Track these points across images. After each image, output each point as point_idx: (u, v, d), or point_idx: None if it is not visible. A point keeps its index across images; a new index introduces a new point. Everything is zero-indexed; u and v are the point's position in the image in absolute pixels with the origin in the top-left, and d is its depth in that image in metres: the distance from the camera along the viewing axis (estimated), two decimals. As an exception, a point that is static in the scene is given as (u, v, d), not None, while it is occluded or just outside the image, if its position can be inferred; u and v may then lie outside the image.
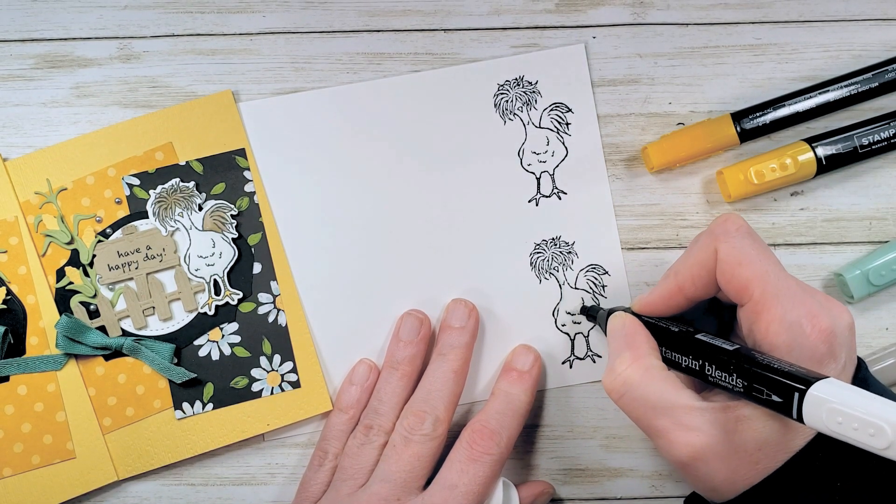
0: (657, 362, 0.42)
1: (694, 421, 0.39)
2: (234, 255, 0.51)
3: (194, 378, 0.50)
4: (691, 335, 0.42)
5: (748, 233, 0.42)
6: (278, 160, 0.51)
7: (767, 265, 0.40)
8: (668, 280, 0.44)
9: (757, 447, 0.39)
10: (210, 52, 0.52)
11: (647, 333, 0.44)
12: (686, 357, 0.41)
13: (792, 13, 0.52)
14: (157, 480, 0.51)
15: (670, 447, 0.40)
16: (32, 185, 0.51)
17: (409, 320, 0.50)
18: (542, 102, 0.52)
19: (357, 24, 0.52)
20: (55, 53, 0.52)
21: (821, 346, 0.39)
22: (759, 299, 0.40)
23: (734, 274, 0.41)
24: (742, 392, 0.38)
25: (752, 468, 0.39)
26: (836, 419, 0.33)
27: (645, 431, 0.41)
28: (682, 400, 0.40)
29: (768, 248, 0.42)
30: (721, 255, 0.41)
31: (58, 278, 0.50)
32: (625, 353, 0.42)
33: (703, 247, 0.42)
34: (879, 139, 0.49)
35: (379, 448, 0.47)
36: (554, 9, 0.52)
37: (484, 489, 0.45)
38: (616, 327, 0.45)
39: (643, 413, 0.41)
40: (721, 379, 0.39)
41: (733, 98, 0.52)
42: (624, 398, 0.41)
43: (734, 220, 0.42)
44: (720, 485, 0.39)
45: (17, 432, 0.50)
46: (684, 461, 0.39)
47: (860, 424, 0.33)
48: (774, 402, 0.36)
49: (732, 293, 0.41)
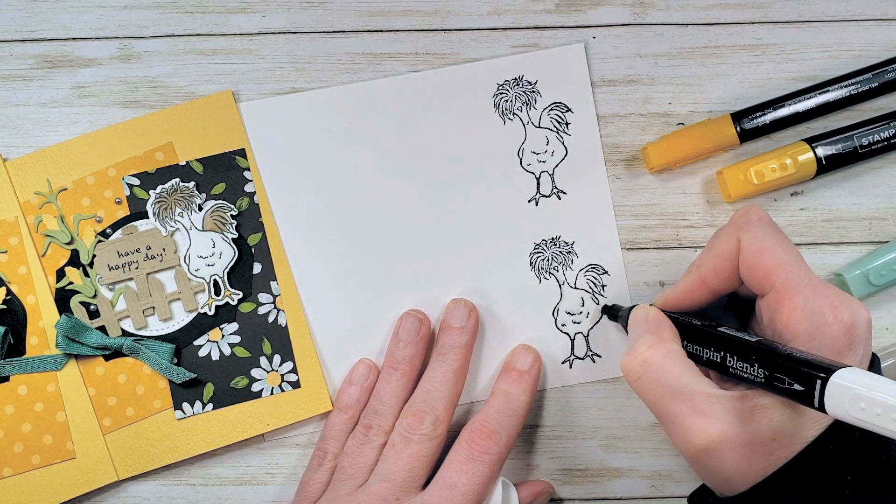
0: (678, 347, 0.42)
1: (711, 408, 0.39)
2: (234, 255, 0.51)
3: (194, 378, 0.50)
4: (714, 328, 0.42)
5: (770, 223, 0.42)
6: (278, 160, 0.52)
7: (790, 255, 0.41)
8: (692, 273, 0.44)
9: (772, 437, 0.38)
10: (210, 52, 0.52)
11: (669, 322, 0.44)
12: (708, 350, 0.42)
13: (792, 13, 0.52)
14: (157, 480, 0.51)
15: (685, 433, 0.39)
16: (32, 185, 0.51)
17: (408, 320, 0.50)
18: (541, 102, 0.52)
19: (357, 24, 0.52)
20: (55, 53, 0.52)
21: (842, 338, 0.39)
22: (781, 288, 0.40)
23: (757, 263, 0.41)
24: (763, 382, 0.38)
25: (765, 459, 0.39)
26: (859, 405, 0.33)
27: (658, 416, 0.41)
28: (700, 386, 0.40)
29: (789, 240, 0.42)
30: (744, 245, 0.41)
31: (58, 278, 0.50)
32: (646, 335, 0.43)
33: (725, 238, 0.42)
34: (879, 139, 0.49)
35: (378, 448, 0.47)
36: (554, 9, 0.52)
37: (483, 489, 0.45)
38: (639, 316, 0.45)
39: (660, 396, 0.41)
40: (742, 370, 0.39)
41: (733, 98, 0.52)
42: (642, 379, 0.41)
43: (756, 211, 0.42)
44: (732, 476, 0.39)
45: (17, 432, 0.50)
46: (699, 449, 0.39)
47: (883, 410, 0.33)
48: (796, 391, 0.36)
49: (755, 283, 0.41)
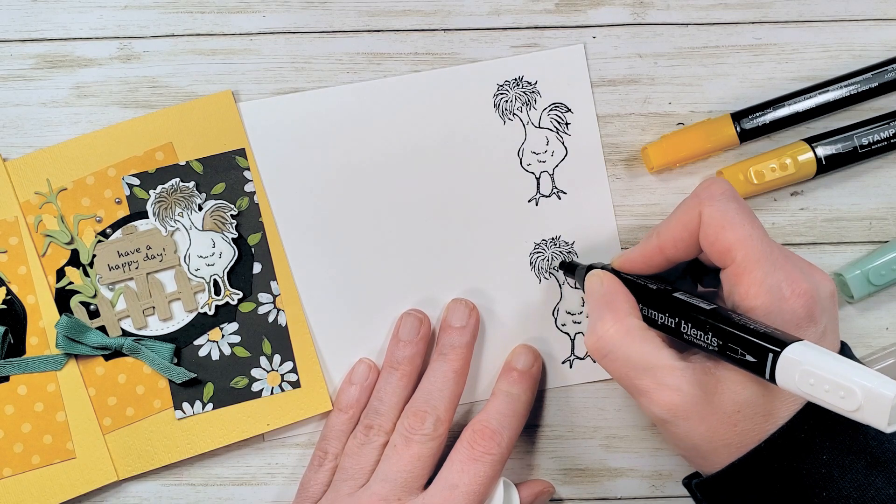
0: (637, 322, 0.42)
1: (675, 381, 0.40)
2: (234, 255, 0.51)
3: (194, 378, 0.50)
4: (669, 293, 0.42)
5: (733, 197, 0.42)
6: (278, 160, 0.51)
7: (751, 229, 0.41)
8: (651, 240, 0.44)
9: (735, 409, 0.39)
10: (210, 52, 0.52)
11: (626, 292, 0.44)
12: (663, 315, 0.42)
13: (792, 13, 0.52)
14: (157, 480, 0.51)
15: (651, 405, 0.41)
16: (32, 185, 0.51)
17: (408, 320, 0.50)
18: (541, 102, 0.52)
19: (357, 24, 0.52)
20: (55, 53, 0.52)
21: (800, 310, 0.39)
22: (741, 263, 0.40)
23: (718, 237, 0.41)
24: (717, 351, 0.39)
25: (730, 430, 0.40)
26: (808, 381, 0.34)
27: (627, 390, 0.42)
28: (662, 360, 0.40)
29: (753, 213, 0.42)
30: (705, 218, 0.41)
31: (58, 278, 0.50)
32: (605, 314, 0.43)
33: (687, 209, 0.42)
34: (879, 139, 0.49)
35: (379, 448, 0.47)
36: (554, 9, 0.52)
37: (485, 489, 0.45)
38: (594, 286, 0.45)
39: (626, 373, 0.41)
40: (696, 337, 0.40)
41: (733, 98, 0.52)
42: (606, 358, 0.42)
43: (720, 184, 0.42)
44: (699, 443, 0.40)
45: (17, 432, 0.50)
46: (665, 419, 0.40)
47: (831, 386, 0.33)
48: (748, 361, 0.37)
49: (715, 256, 0.41)
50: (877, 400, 0.32)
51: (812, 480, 0.39)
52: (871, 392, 0.32)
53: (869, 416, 0.33)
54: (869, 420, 0.33)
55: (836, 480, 0.39)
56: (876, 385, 0.32)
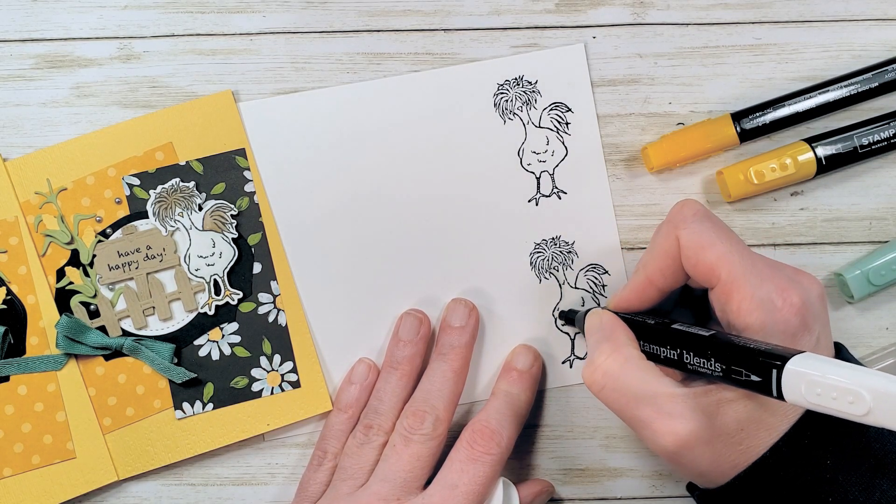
0: (636, 352, 0.42)
1: (676, 408, 0.39)
2: (234, 255, 0.51)
3: (194, 378, 0.50)
4: (667, 325, 0.42)
5: (706, 216, 0.42)
6: (278, 160, 0.52)
7: (730, 245, 0.41)
8: (638, 274, 0.44)
9: (739, 428, 0.39)
10: (210, 52, 0.52)
11: (624, 326, 0.44)
12: (664, 348, 0.42)
13: (792, 13, 0.52)
14: (157, 480, 0.51)
15: (654, 436, 0.39)
16: (32, 185, 0.51)
17: (408, 320, 0.50)
18: (541, 102, 0.52)
19: (357, 24, 0.52)
20: (55, 53, 0.52)
21: (793, 320, 0.39)
22: (726, 280, 0.40)
23: (699, 259, 0.41)
24: (721, 376, 0.38)
25: (735, 450, 0.39)
26: (815, 391, 0.33)
27: (628, 423, 0.41)
28: (662, 388, 0.39)
29: (729, 229, 0.42)
30: (683, 242, 0.41)
31: (58, 278, 0.50)
32: (603, 345, 0.42)
33: (665, 236, 0.42)
34: (879, 139, 0.49)
35: (379, 448, 0.47)
36: (554, 9, 0.52)
37: (484, 489, 0.45)
38: (593, 324, 0.45)
39: (625, 404, 0.40)
40: (700, 365, 0.39)
41: (733, 98, 0.52)
42: (605, 390, 0.41)
43: (690, 206, 0.42)
44: (707, 470, 0.40)
45: (17, 432, 0.50)
46: (670, 450, 0.39)
47: (839, 393, 0.33)
48: (754, 381, 0.36)
49: (700, 277, 0.41)
50: (887, 400, 0.32)
51: (818, 486, 0.38)
52: (880, 393, 0.32)
53: (881, 417, 0.32)
54: (881, 422, 0.32)
55: (841, 485, 0.38)
56: (883, 385, 0.32)
